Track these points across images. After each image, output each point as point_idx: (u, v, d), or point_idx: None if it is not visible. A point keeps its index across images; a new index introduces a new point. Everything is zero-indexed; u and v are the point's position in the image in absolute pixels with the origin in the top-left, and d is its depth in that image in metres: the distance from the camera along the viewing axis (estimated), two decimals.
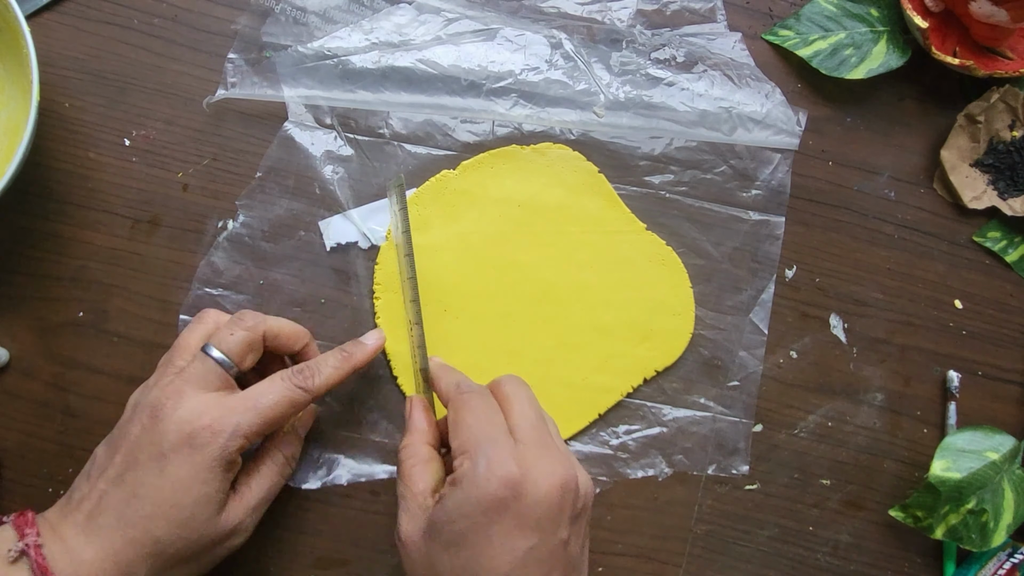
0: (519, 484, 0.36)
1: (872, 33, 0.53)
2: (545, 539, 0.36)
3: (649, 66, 0.52)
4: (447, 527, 0.36)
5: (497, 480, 0.35)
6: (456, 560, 0.36)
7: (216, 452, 0.38)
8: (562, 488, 0.36)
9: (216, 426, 0.38)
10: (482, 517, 0.35)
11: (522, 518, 0.35)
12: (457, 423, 0.39)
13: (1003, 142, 0.54)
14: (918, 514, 0.50)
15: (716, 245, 0.51)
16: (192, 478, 0.38)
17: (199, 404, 0.39)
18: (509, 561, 0.35)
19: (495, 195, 0.50)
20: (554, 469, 0.37)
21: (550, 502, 0.36)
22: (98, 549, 0.37)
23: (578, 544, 0.38)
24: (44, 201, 0.48)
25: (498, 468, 0.36)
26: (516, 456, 0.36)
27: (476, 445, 0.37)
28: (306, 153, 0.49)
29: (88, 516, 0.38)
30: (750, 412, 0.51)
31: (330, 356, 0.43)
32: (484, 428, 0.38)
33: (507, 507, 0.35)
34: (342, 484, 0.48)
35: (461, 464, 0.37)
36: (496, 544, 0.35)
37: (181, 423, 0.38)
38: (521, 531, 0.35)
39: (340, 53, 0.49)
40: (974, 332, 0.54)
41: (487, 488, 0.35)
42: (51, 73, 0.48)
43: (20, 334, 0.47)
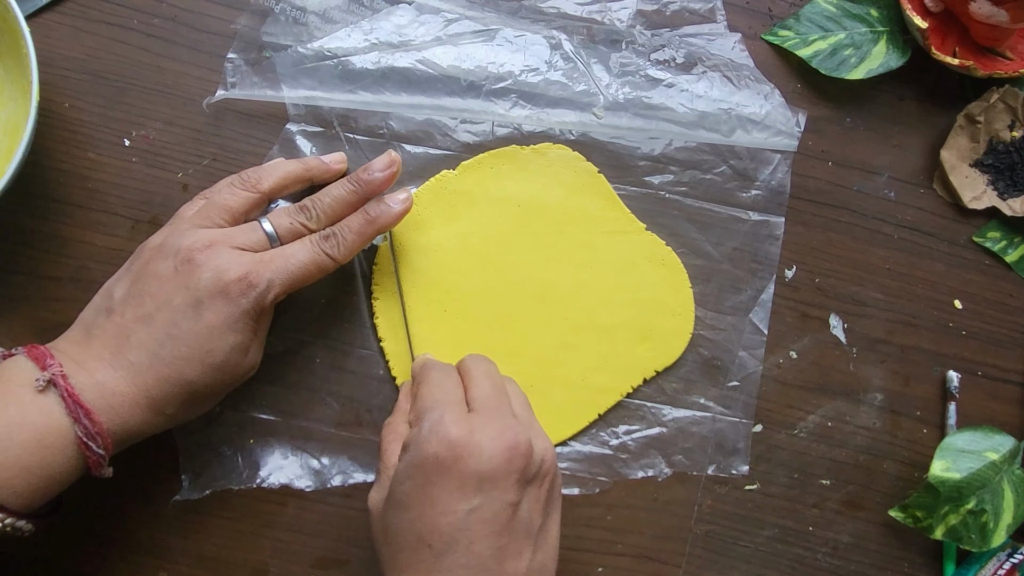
0: (461, 446, 0.36)
1: (872, 33, 0.53)
2: (489, 501, 0.36)
3: (648, 67, 0.52)
4: (396, 489, 0.38)
5: (437, 440, 0.36)
6: (403, 521, 0.37)
7: (250, 304, 0.39)
8: (508, 450, 0.37)
9: (252, 279, 0.39)
10: (423, 477, 0.36)
11: (464, 479, 0.36)
12: (416, 395, 0.41)
13: (1003, 142, 0.54)
14: (918, 514, 0.50)
15: (716, 245, 0.51)
16: (227, 327, 0.39)
17: (235, 257, 0.40)
18: (451, 521, 0.36)
19: (495, 195, 0.50)
20: (501, 433, 0.37)
21: (494, 464, 0.36)
22: (130, 384, 0.38)
23: (535, 510, 0.38)
24: (44, 201, 0.48)
25: (440, 429, 0.37)
26: (464, 420, 0.37)
27: (426, 411, 0.38)
28: (305, 153, 0.49)
29: (115, 351, 0.38)
30: (750, 412, 0.51)
31: (353, 220, 0.44)
32: (436, 395, 0.39)
33: (447, 468, 0.36)
34: (342, 485, 0.48)
35: (410, 431, 0.39)
36: (438, 504, 0.36)
37: (219, 271, 0.39)
38: (462, 492, 0.36)
39: (340, 53, 0.49)
40: (974, 332, 0.54)
41: (427, 448, 0.36)
42: (51, 73, 0.48)
43: (20, 334, 0.47)
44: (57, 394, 0.36)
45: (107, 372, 0.38)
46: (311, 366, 0.48)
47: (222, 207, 0.42)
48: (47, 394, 0.36)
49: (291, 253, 0.41)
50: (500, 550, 0.36)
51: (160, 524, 0.47)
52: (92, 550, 0.46)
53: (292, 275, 0.41)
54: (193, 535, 0.47)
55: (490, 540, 0.36)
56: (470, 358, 0.43)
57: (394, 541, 0.37)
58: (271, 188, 0.44)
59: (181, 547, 0.47)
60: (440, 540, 0.36)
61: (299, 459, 0.48)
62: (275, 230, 0.42)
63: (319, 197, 0.44)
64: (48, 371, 0.37)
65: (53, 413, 0.36)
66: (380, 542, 0.39)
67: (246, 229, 0.42)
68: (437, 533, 0.36)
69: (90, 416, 0.36)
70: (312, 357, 0.48)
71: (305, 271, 0.41)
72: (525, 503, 0.37)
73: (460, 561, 0.35)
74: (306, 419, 0.48)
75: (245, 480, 0.47)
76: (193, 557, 0.47)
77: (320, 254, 0.42)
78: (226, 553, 0.47)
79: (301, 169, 0.45)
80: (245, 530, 0.47)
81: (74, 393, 0.36)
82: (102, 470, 0.38)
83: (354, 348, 0.49)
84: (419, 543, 0.36)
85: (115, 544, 0.46)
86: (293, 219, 0.43)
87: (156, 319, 0.39)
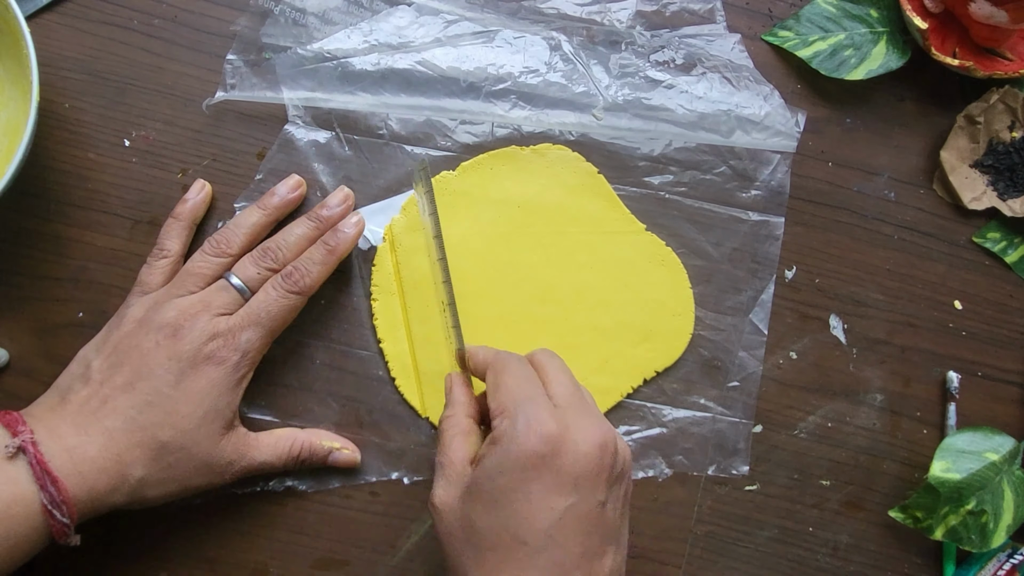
0: (559, 441, 0.36)
1: (872, 34, 0.53)
2: (584, 499, 0.36)
3: (648, 68, 0.52)
4: (486, 485, 0.36)
5: (536, 436, 0.36)
6: (495, 518, 0.36)
7: (230, 368, 0.41)
8: (601, 448, 0.36)
9: (231, 342, 0.41)
10: (521, 474, 0.35)
11: (561, 476, 0.35)
12: (496, 385, 0.39)
13: (1003, 143, 0.54)
14: (918, 515, 0.50)
15: (716, 246, 0.51)
16: (206, 392, 0.41)
17: (213, 325, 0.41)
18: (548, 519, 0.35)
19: (494, 196, 0.50)
20: (593, 430, 0.37)
21: (589, 461, 0.36)
22: (100, 448, 0.38)
23: (616, 511, 0.38)
24: (44, 202, 0.48)
25: (537, 425, 0.36)
26: (555, 415, 0.37)
27: (515, 404, 0.37)
28: (306, 154, 0.49)
29: (89, 416, 0.39)
30: (750, 413, 0.51)
31: (314, 252, 0.45)
32: (523, 388, 0.38)
33: (546, 464, 0.35)
34: (342, 486, 0.48)
35: (500, 423, 0.37)
36: (535, 501, 0.35)
37: (199, 341, 0.41)
38: (560, 489, 0.35)
39: (339, 55, 0.49)
40: (974, 333, 0.54)
41: (526, 444, 0.36)
42: (51, 74, 0.48)
43: (20, 335, 0.47)
44: (26, 460, 0.37)
45: (79, 437, 0.38)
46: (310, 367, 0.48)
47: (197, 275, 0.44)
48: (15, 461, 0.37)
49: (260, 305, 0.43)
50: (588, 549, 0.36)
51: (161, 525, 0.47)
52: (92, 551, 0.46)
53: (266, 327, 0.43)
54: (194, 536, 0.47)
55: (581, 539, 0.36)
56: (542, 354, 0.42)
57: (482, 540, 0.36)
58: (241, 249, 0.45)
59: (182, 548, 0.47)
60: (537, 537, 0.35)
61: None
62: (244, 283, 0.44)
63: (282, 238, 0.45)
64: (18, 438, 0.37)
65: (20, 481, 0.36)
66: (458, 541, 0.37)
67: (218, 290, 0.43)
68: (534, 531, 0.35)
69: (56, 484, 0.37)
70: (311, 358, 0.48)
71: (277, 318, 0.43)
72: (610, 503, 0.37)
73: (555, 559, 0.35)
74: (306, 420, 0.48)
75: (245, 482, 0.47)
76: (194, 558, 0.47)
77: (286, 295, 0.43)
78: (226, 554, 0.47)
79: (264, 217, 0.46)
80: (245, 531, 0.47)
81: (43, 460, 0.37)
82: (67, 539, 0.38)
83: (353, 349, 0.49)
84: (513, 540, 0.35)
85: (115, 545, 0.46)
86: (259, 267, 0.44)
87: (136, 387, 0.40)
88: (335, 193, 0.47)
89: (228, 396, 0.41)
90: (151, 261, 0.45)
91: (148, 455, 0.39)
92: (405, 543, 0.48)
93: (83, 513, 0.38)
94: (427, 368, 0.49)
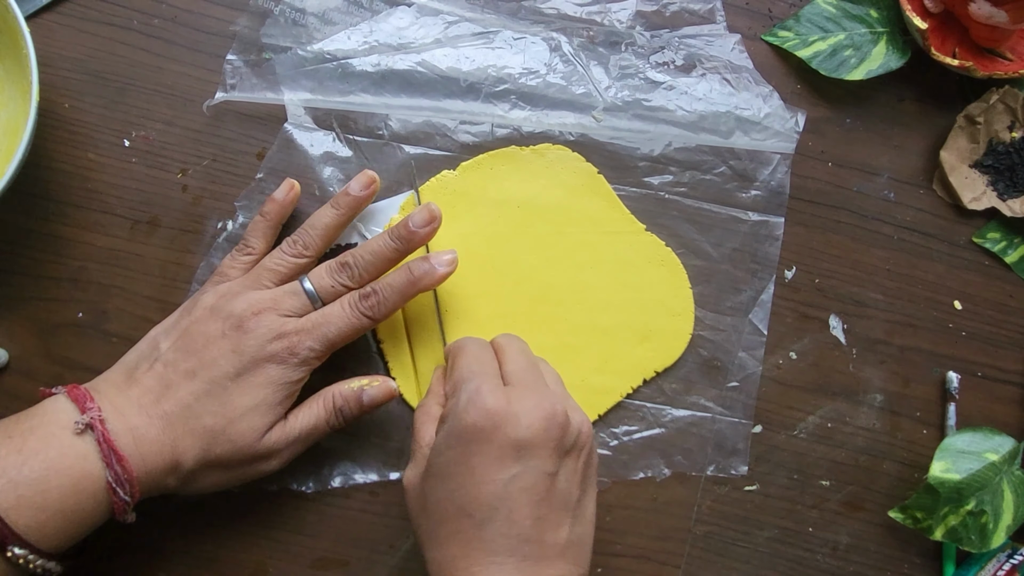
0: (500, 415, 0.37)
1: (871, 34, 0.53)
2: (528, 470, 0.37)
3: (648, 69, 0.52)
4: (435, 460, 0.38)
5: (476, 410, 0.37)
6: (443, 492, 0.37)
7: (288, 369, 0.41)
8: (546, 419, 0.37)
9: (294, 347, 0.41)
10: (463, 448, 0.37)
11: (503, 448, 0.37)
12: (452, 367, 0.41)
13: (1002, 143, 0.54)
14: (917, 515, 0.50)
15: (715, 246, 0.51)
16: (262, 387, 0.41)
17: (280, 325, 0.41)
18: (491, 491, 0.36)
19: (494, 196, 0.50)
20: (538, 403, 0.38)
21: (532, 433, 0.37)
22: (160, 432, 0.39)
23: (572, 482, 0.39)
24: (43, 202, 0.48)
25: (478, 399, 0.37)
26: (501, 392, 0.38)
27: (463, 382, 0.39)
28: (305, 154, 0.49)
29: (154, 399, 0.40)
30: (749, 413, 0.51)
31: (397, 279, 0.44)
32: (472, 367, 0.40)
33: (487, 437, 0.37)
34: (342, 486, 0.48)
35: (449, 402, 0.40)
36: (478, 474, 0.36)
37: (264, 340, 0.41)
38: (501, 461, 0.36)
39: (339, 56, 0.49)
40: (974, 333, 0.54)
41: (466, 418, 0.37)
42: (50, 74, 0.48)
43: (19, 335, 0.47)
44: (93, 438, 0.37)
45: (141, 418, 0.39)
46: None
47: (273, 271, 0.44)
48: (84, 437, 0.37)
49: (330, 318, 0.42)
50: (539, 520, 0.37)
51: (160, 525, 0.47)
52: (93, 550, 0.46)
53: (330, 341, 0.42)
54: (193, 535, 0.47)
55: (530, 509, 0.36)
56: (502, 336, 0.44)
57: (434, 513, 0.38)
58: (317, 251, 0.45)
59: (181, 547, 0.47)
60: (480, 509, 0.36)
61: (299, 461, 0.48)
62: (316, 291, 0.43)
63: (360, 254, 0.44)
64: (87, 414, 0.38)
65: (89, 457, 0.37)
66: (419, 516, 0.39)
67: (290, 292, 0.43)
68: (477, 503, 0.36)
69: (122, 462, 0.37)
70: None
71: (344, 335, 0.42)
72: (563, 474, 0.38)
73: (501, 530, 0.36)
74: None
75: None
76: (193, 557, 0.47)
77: (360, 317, 0.42)
78: (226, 553, 0.47)
79: (337, 217, 0.46)
80: (245, 531, 0.47)
81: (110, 438, 0.37)
82: (126, 515, 0.39)
83: (353, 349, 0.49)
84: (459, 513, 0.36)
85: (116, 545, 0.46)
86: (335, 280, 0.44)
87: (198, 376, 0.40)
88: (421, 211, 0.45)
89: (280, 395, 0.41)
90: (235, 255, 0.45)
91: (200, 443, 0.40)
92: (404, 543, 0.48)
93: (143, 492, 0.39)
94: (426, 368, 0.49)
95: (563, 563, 0.37)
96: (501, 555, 0.36)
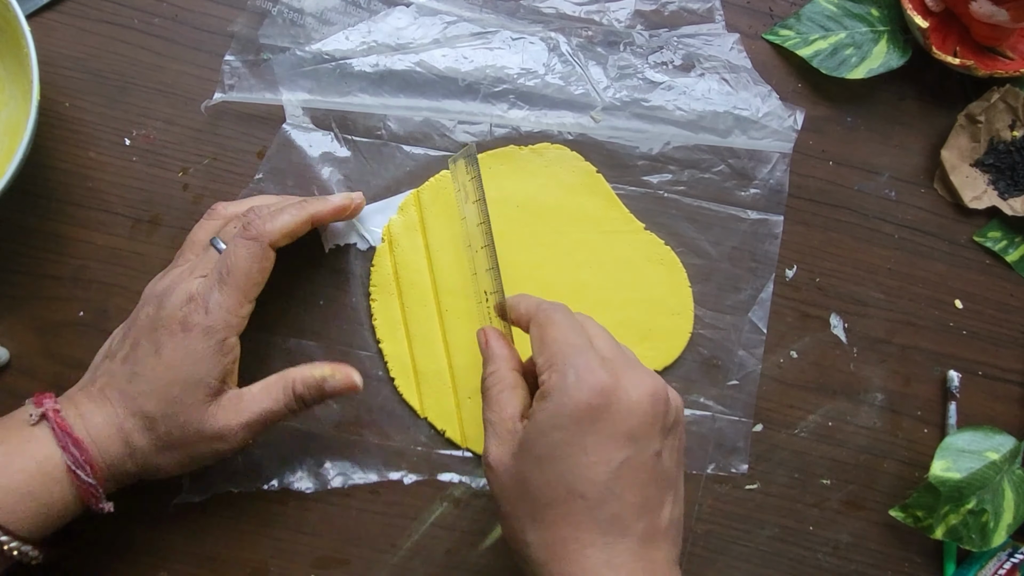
0: (611, 392, 0.35)
1: (872, 33, 0.53)
2: (639, 450, 0.35)
3: (646, 69, 0.52)
4: (540, 440, 0.36)
5: (588, 388, 0.35)
6: (551, 474, 0.35)
7: (201, 333, 0.39)
8: (652, 397, 0.36)
9: (198, 300, 0.39)
10: (575, 427, 0.35)
11: (616, 427, 0.35)
12: (543, 339, 0.38)
13: (1003, 142, 0.54)
14: (918, 514, 0.50)
15: (715, 244, 0.51)
16: (183, 359, 0.39)
17: (187, 286, 0.40)
18: (605, 471, 0.35)
19: (493, 195, 0.50)
20: (643, 379, 0.36)
21: (643, 411, 0.35)
22: (104, 417, 0.39)
23: (672, 460, 0.37)
24: (44, 201, 0.48)
25: (589, 376, 0.35)
26: (605, 366, 0.36)
27: (564, 357, 0.37)
28: (304, 154, 0.49)
29: (100, 389, 0.40)
30: (749, 411, 0.51)
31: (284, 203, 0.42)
32: (570, 340, 0.37)
33: (600, 416, 0.35)
34: (342, 486, 0.48)
35: (550, 377, 0.37)
36: (592, 454, 0.35)
37: (174, 308, 0.39)
38: (615, 440, 0.35)
39: (338, 56, 0.49)
40: (974, 332, 0.54)
41: (579, 396, 0.35)
42: (51, 73, 0.48)
43: (20, 334, 0.47)
44: (48, 427, 0.38)
45: (90, 406, 0.39)
46: None
47: (194, 243, 0.43)
48: (40, 427, 0.38)
49: (222, 259, 0.40)
50: (647, 500, 0.35)
51: (161, 524, 0.47)
52: (93, 551, 0.46)
53: (232, 284, 0.39)
54: (194, 535, 0.47)
55: (639, 490, 0.35)
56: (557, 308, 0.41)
57: (539, 496, 0.35)
58: (236, 212, 0.44)
59: (182, 547, 0.47)
60: (595, 490, 0.34)
61: (299, 461, 0.48)
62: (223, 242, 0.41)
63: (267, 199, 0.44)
64: (41, 408, 0.38)
65: (47, 443, 0.38)
66: (514, 498, 0.37)
67: (205, 255, 0.42)
68: (592, 484, 0.34)
69: (79, 445, 0.38)
70: (311, 358, 0.48)
71: (241, 272, 0.40)
72: (665, 452, 0.37)
73: (614, 511, 0.35)
74: (306, 421, 0.48)
75: (246, 483, 0.47)
76: (194, 557, 0.47)
77: (244, 243, 0.40)
78: (226, 553, 0.47)
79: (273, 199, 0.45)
80: (246, 530, 0.47)
81: (64, 424, 0.38)
82: (98, 502, 0.39)
83: (353, 349, 0.49)
84: (570, 495, 0.35)
85: (116, 545, 0.46)
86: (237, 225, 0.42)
87: (129, 359, 0.40)
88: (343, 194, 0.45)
89: (207, 363, 0.39)
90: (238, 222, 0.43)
91: (142, 425, 0.39)
92: (405, 542, 0.48)
93: (108, 478, 0.39)
94: (426, 368, 0.49)
95: (667, 544, 0.36)
96: (613, 535, 0.35)
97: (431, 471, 0.49)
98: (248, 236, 0.40)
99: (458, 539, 0.49)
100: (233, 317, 0.40)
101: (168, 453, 0.40)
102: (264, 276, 0.41)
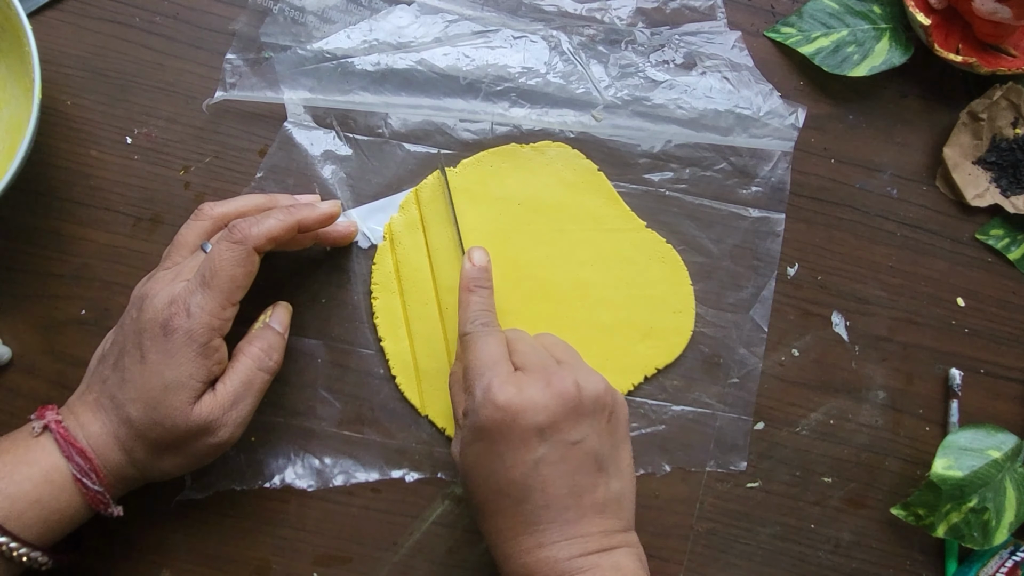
0: (513, 408, 0.38)
1: (875, 30, 0.53)
2: (554, 446, 0.38)
3: (648, 68, 0.52)
4: (467, 451, 0.40)
5: (492, 406, 0.38)
6: (479, 478, 0.39)
7: (183, 337, 0.39)
8: (558, 397, 0.38)
9: (180, 303, 0.39)
10: (488, 440, 0.38)
11: (524, 434, 0.38)
12: (466, 364, 0.42)
13: (1006, 139, 0.54)
14: (920, 512, 0.50)
15: (716, 242, 0.51)
16: (165, 363, 0.39)
17: (170, 289, 0.40)
18: (522, 472, 0.38)
19: (495, 193, 0.50)
20: (547, 384, 0.39)
21: (549, 413, 0.38)
22: (100, 426, 0.40)
23: (600, 442, 0.40)
24: (46, 199, 0.48)
25: (492, 395, 0.38)
26: (512, 381, 0.39)
27: (476, 378, 0.40)
28: (305, 152, 0.49)
29: (96, 397, 0.40)
30: (750, 409, 0.51)
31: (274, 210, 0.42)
32: (484, 360, 0.41)
33: (508, 426, 0.38)
34: (344, 484, 0.48)
35: (466, 398, 0.41)
36: (507, 460, 0.38)
37: (156, 311, 0.39)
38: (526, 444, 0.38)
39: (339, 54, 0.49)
40: (976, 330, 0.54)
41: (485, 414, 0.38)
42: (53, 71, 0.48)
43: (22, 332, 0.47)
44: (52, 437, 0.39)
45: (88, 416, 0.40)
46: (312, 365, 0.49)
47: (181, 245, 0.43)
48: (44, 438, 0.39)
49: (206, 263, 0.40)
50: (574, 487, 0.38)
51: (163, 522, 0.47)
52: (96, 548, 0.46)
53: (215, 287, 0.39)
54: (196, 533, 0.47)
55: (562, 480, 0.38)
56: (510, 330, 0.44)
57: (477, 492, 0.40)
58: (223, 212, 0.44)
59: (184, 545, 0.47)
60: (516, 490, 0.38)
61: (301, 459, 0.48)
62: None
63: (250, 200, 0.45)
64: (43, 420, 0.39)
65: (53, 452, 0.38)
66: (466, 490, 0.41)
67: (192, 259, 0.42)
68: (512, 485, 0.38)
69: (83, 454, 0.39)
70: (313, 356, 0.48)
71: (224, 276, 0.39)
72: (589, 438, 0.39)
73: (539, 503, 0.38)
74: (308, 419, 0.48)
75: (248, 481, 0.47)
76: (196, 555, 0.47)
77: (229, 247, 0.40)
78: (229, 551, 0.47)
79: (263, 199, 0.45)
80: (248, 528, 0.47)
81: (67, 435, 0.39)
82: (107, 508, 0.40)
83: (354, 347, 0.49)
84: (498, 494, 0.38)
85: (118, 543, 0.47)
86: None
87: (118, 365, 0.40)
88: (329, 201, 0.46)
89: (191, 367, 0.39)
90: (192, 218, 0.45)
91: (134, 432, 0.39)
92: (407, 540, 0.48)
93: (113, 484, 0.40)
94: (427, 366, 0.49)
95: (601, 519, 0.39)
96: (543, 523, 0.38)
97: (432, 469, 0.49)
98: (233, 240, 0.40)
99: (459, 537, 0.49)
100: (215, 320, 0.39)
101: (166, 456, 0.40)
102: (248, 280, 0.41)
